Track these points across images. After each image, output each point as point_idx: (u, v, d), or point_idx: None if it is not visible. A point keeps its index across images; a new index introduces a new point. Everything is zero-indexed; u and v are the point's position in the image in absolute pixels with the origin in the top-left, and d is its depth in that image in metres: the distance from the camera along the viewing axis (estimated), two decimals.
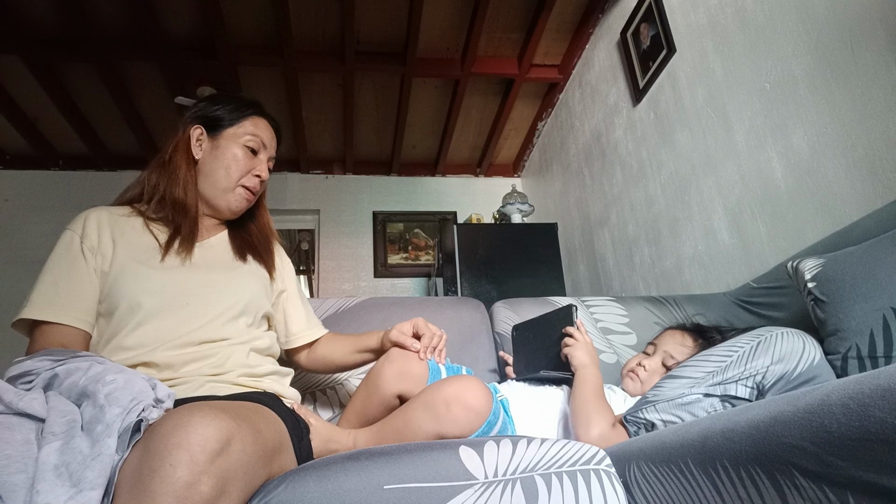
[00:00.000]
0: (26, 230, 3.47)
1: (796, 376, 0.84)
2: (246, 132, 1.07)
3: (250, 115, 1.09)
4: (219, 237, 1.09)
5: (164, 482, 0.52)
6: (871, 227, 1.10)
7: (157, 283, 0.93)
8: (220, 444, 0.57)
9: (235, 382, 0.92)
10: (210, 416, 0.58)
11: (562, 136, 3.23)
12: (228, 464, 0.57)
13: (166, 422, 0.58)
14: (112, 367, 0.71)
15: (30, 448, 0.59)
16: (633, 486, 0.70)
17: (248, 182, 1.07)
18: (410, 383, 1.01)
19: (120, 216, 1.02)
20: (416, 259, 3.82)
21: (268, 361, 1.02)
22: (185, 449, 0.54)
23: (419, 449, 0.70)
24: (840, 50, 1.31)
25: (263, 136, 1.09)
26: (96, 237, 0.96)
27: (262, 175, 1.08)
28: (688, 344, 1.18)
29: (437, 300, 1.54)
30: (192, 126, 1.06)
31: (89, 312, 0.92)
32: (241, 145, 1.06)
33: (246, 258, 1.07)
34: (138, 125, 3.31)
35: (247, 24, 2.70)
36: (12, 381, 0.73)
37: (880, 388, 0.40)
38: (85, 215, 0.99)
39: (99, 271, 0.94)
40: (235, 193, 1.06)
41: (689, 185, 1.95)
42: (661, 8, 2.08)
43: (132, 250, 0.97)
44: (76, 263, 0.93)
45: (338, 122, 3.48)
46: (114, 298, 0.91)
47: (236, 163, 1.05)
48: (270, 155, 1.12)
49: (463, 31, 2.82)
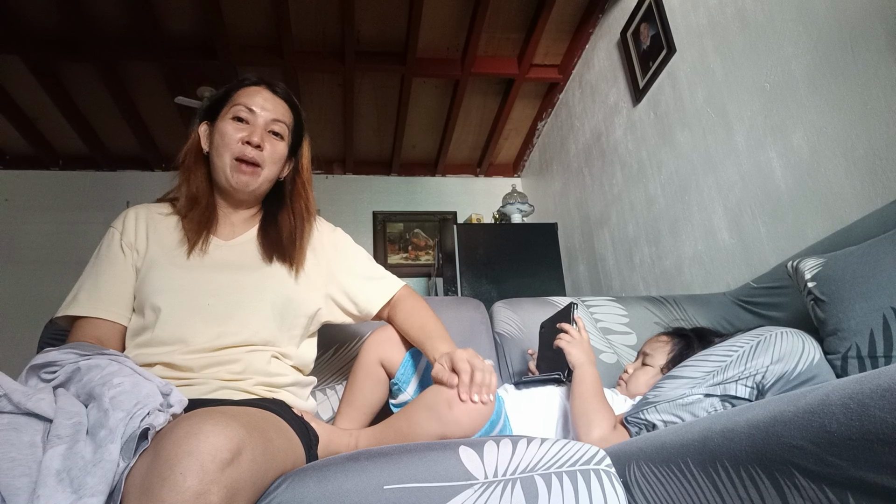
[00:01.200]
0: (26, 230, 3.47)
1: (796, 376, 0.84)
2: (233, 104, 1.02)
3: (237, 89, 1.05)
4: (248, 234, 1.05)
5: (174, 491, 0.52)
6: (871, 227, 1.10)
7: (177, 282, 0.93)
8: (231, 453, 0.56)
9: (250, 391, 0.90)
10: (221, 425, 0.57)
11: (562, 136, 3.23)
12: (238, 474, 0.57)
13: (177, 429, 0.58)
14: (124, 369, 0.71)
15: (35, 451, 0.59)
16: (633, 486, 0.70)
17: (238, 151, 0.99)
18: (388, 345, 1.07)
19: (157, 213, 1.03)
20: (416, 259, 3.82)
21: (290, 371, 0.98)
22: (196, 458, 0.54)
23: (419, 449, 0.70)
24: (840, 50, 1.31)
25: (250, 102, 1.01)
26: (133, 233, 0.99)
27: (252, 139, 0.98)
28: (662, 339, 1.23)
29: (437, 300, 1.54)
30: (202, 123, 1.07)
31: (126, 307, 0.95)
32: (228, 119, 1.01)
33: (272, 259, 1.01)
34: (138, 125, 3.31)
35: (247, 24, 2.70)
36: (36, 369, 0.73)
37: (880, 388, 0.40)
38: (126, 213, 1.02)
39: (134, 267, 0.97)
40: (232, 168, 0.99)
41: (689, 185, 1.95)
42: (661, 8, 2.08)
43: (163, 247, 0.98)
44: (116, 259, 0.97)
45: (338, 122, 3.48)
46: (142, 295, 0.93)
47: (224, 138, 1.00)
48: (271, 118, 1.02)
49: (463, 31, 2.82)
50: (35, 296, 3.20)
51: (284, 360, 0.97)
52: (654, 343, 1.24)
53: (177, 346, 0.88)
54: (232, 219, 1.06)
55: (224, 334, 0.90)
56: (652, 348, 1.22)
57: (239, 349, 0.91)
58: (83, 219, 3.54)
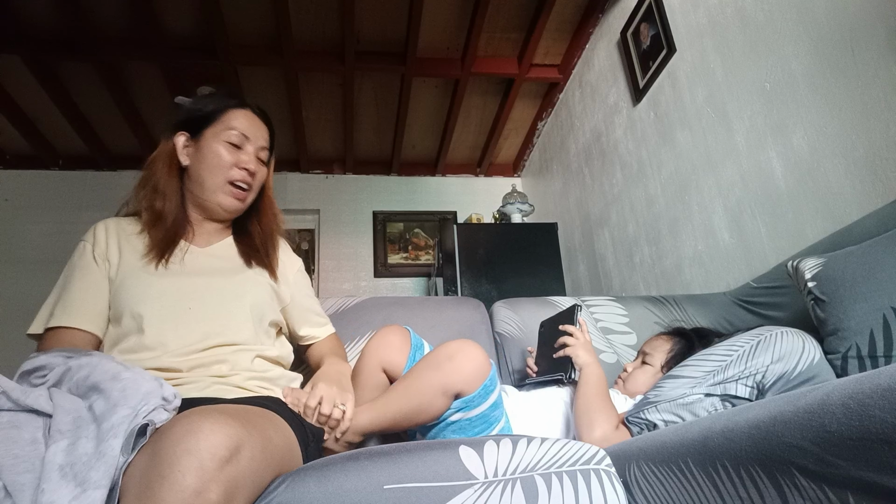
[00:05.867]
0: (26, 230, 3.47)
1: (796, 375, 0.84)
2: (226, 127, 1.03)
3: (227, 109, 1.05)
4: (224, 242, 1.09)
5: (173, 489, 0.52)
6: (871, 227, 1.10)
7: (156, 288, 0.95)
8: (230, 451, 0.57)
9: (243, 385, 0.92)
10: (220, 423, 0.58)
11: (562, 136, 3.23)
12: (237, 471, 0.57)
13: (176, 427, 0.58)
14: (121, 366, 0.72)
15: (37, 447, 0.59)
16: (633, 486, 0.70)
17: (235, 176, 1.03)
18: (389, 349, 1.07)
19: (127, 225, 1.04)
20: (416, 259, 3.82)
21: (276, 368, 1.02)
22: (195, 455, 0.54)
23: (419, 449, 0.70)
24: (840, 50, 1.31)
25: (244, 128, 1.05)
26: (104, 245, 1.00)
27: (249, 166, 1.04)
28: (662, 339, 1.23)
29: (437, 300, 1.54)
30: (177, 134, 1.05)
31: (100, 316, 0.95)
32: (221, 142, 1.02)
33: (250, 264, 1.06)
34: (138, 125, 3.31)
35: (247, 24, 2.70)
36: (26, 374, 0.75)
37: (880, 387, 0.40)
38: (95, 226, 1.03)
39: (108, 278, 0.98)
40: (223, 191, 1.03)
41: (689, 184, 1.95)
42: (661, 8, 2.08)
43: (136, 258, 0.99)
44: (88, 269, 0.97)
45: (338, 122, 3.48)
46: (118, 305, 0.94)
47: (218, 160, 1.02)
48: (260, 145, 1.07)
49: (463, 31, 2.82)
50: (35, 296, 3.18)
51: (266, 358, 1.01)
52: (654, 342, 1.24)
53: (161, 350, 0.89)
54: (206, 227, 1.08)
55: (208, 335, 0.93)
56: (651, 348, 1.22)
57: (224, 349, 0.93)
58: (83, 219, 3.53)
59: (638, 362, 1.23)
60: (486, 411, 0.95)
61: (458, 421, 0.94)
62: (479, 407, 0.94)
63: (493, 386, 0.96)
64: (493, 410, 0.96)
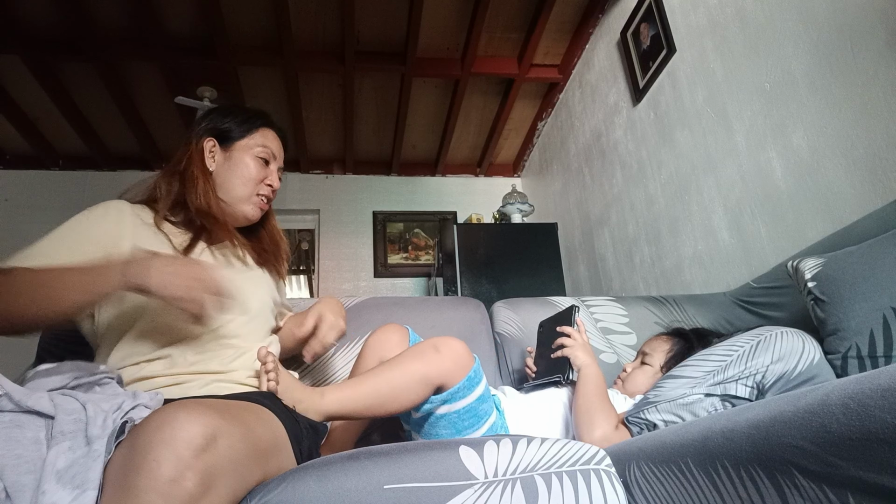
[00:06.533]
0: (26, 230, 3.46)
1: (796, 375, 0.84)
2: (257, 143, 1.11)
3: (260, 127, 1.13)
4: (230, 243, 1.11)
5: (149, 478, 0.53)
6: (871, 227, 1.10)
7: None
8: (206, 439, 0.57)
9: (243, 382, 0.94)
10: (196, 413, 0.58)
11: (562, 136, 3.23)
12: (214, 460, 0.57)
13: (152, 420, 0.59)
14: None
15: (39, 448, 0.60)
16: (633, 486, 0.70)
17: (262, 191, 1.11)
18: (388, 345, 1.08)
19: (140, 212, 1.04)
20: (416, 259, 3.82)
21: None
22: (169, 445, 0.55)
23: (419, 449, 0.70)
24: (840, 50, 1.31)
25: (273, 147, 1.13)
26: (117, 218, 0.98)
27: (274, 184, 1.13)
28: (661, 339, 1.24)
29: (437, 300, 1.54)
30: (205, 139, 1.10)
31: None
32: (253, 156, 1.10)
33: (261, 264, 1.12)
34: (138, 125, 3.31)
35: (247, 24, 2.70)
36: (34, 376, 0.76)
37: (880, 387, 0.40)
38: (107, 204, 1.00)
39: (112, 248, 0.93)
40: (251, 202, 1.10)
41: (689, 184, 1.95)
42: (661, 8, 2.08)
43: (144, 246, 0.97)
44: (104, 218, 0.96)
45: (338, 122, 3.48)
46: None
47: (250, 173, 1.09)
48: (280, 165, 1.16)
49: (463, 31, 2.82)
50: None
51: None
52: (654, 343, 1.24)
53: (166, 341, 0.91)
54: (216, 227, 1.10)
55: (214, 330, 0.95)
56: (651, 348, 1.23)
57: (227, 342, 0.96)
58: None
59: (637, 362, 1.23)
60: (474, 404, 0.95)
61: (447, 414, 0.94)
62: (465, 399, 0.94)
63: (479, 379, 0.97)
64: (481, 404, 0.96)
